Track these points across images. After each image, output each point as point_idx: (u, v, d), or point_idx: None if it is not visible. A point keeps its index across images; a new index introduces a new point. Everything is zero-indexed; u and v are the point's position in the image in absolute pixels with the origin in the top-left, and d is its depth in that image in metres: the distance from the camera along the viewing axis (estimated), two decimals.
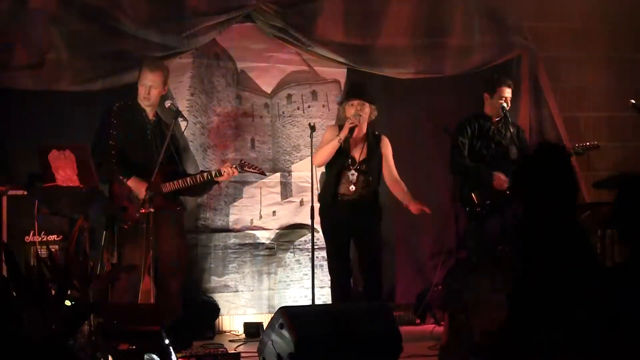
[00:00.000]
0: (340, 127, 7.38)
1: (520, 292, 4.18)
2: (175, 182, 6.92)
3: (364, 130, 7.37)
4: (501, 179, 7.54)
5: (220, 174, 6.99)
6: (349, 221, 7.34)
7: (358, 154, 7.38)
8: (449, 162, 7.79)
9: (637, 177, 3.92)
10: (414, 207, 7.32)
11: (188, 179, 6.95)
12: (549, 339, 4.05)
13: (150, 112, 7.08)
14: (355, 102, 7.34)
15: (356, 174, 7.34)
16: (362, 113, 7.30)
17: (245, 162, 7.20)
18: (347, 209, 7.33)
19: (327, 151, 7.30)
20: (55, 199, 6.34)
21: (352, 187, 7.31)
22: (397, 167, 7.52)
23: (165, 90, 7.22)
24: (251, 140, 8.40)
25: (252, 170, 7.24)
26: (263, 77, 8.45)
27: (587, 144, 7.73)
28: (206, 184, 7.13)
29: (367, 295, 7.39)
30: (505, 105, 7.64)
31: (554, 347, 4.03)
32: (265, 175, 7.69)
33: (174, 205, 7.06)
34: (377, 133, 7.51)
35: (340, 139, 7.22)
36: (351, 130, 7.21)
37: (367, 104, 7.36)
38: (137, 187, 6.85)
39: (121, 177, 6.86)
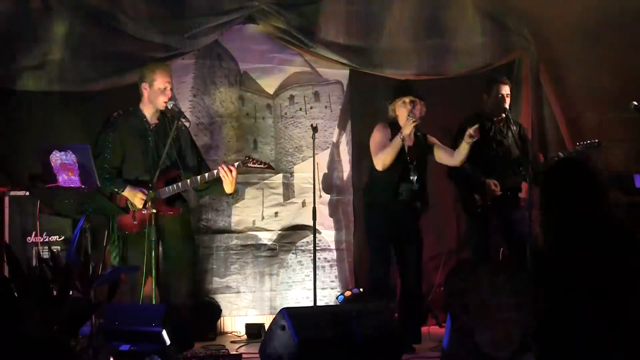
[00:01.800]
0: (392, 125, 7.41)
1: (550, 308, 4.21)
2: (173, 185, 6.90)
3: (420, 127, 7.42)
4: (492, 187, 7.52)
5: (225, 170, 6.90)
6: (401, 223, 7.38)
7: (413, 153, 7.40)
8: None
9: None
10: (472, 131, 7.20)
11: (188, 181, 6.92)
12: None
13: (152, 117, 7.04)
14: (407, 100, 7.35)
15: (414, 171, 7.36)
16: (416, 110, 7.32)
17: (249, 158, 7.12)
18: (404, 209, 7.37)
19: (393, 151, 7.25)
20: (57, 199, 6.35)
21: (414, 186, 7.35)
22: None
23: None
24: (253, 142, 8.40)
25: (257, 166, 7.11)
26: (265, 78, 8.46)
27: (588, 142, 7.70)
28: (211, 185, 7.06)
29: (407, 295, 7.45)
30: (506, 105, 7.61)
31: None
32: (273, 168, 7.59)
33: (175, 209, 7.03)
34: (419, 133, 7.53)
35: (403, 137, 7.22)
36: (416, 127, 7.27)
37: (418, 100, 7.37)
38: (132, 195, 6.83)
39: (115, 190, 6.84)
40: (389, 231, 7.40)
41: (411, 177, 7.35)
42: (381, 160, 7.31)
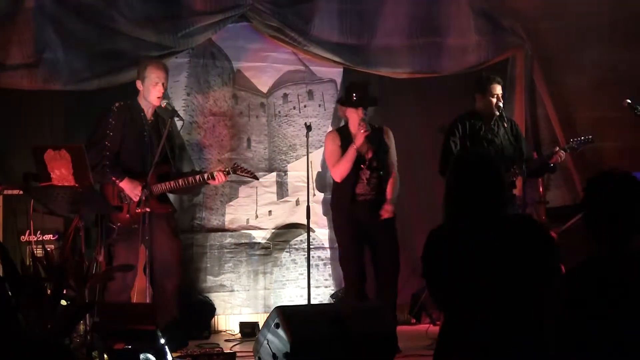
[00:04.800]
0: (341, 131, 7.44)
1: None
2: (165, 183, 6.93)
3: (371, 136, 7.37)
4: None
5: (212, 177, 6.99)
6: (367, 221, 7.35)
7: (365, 151, 7.38)
8: (439, 162, 7.78)
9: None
10: (385, 210, 7.34)
11: (180, 180, 6.95)
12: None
13: (149, 112, 7.08)
14: (360, 109, 7.34)
15: (368, 172, 7.35)
16: (366, 117, 7.31)
17: (238, 166, 7.22)
18: (365, 209, 7.34)
19: (348, 163, 7.26)
20: (50, 198, 6.34)
21: (368, 187, 7.33)
22: None
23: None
24: (247, 140, 8.40)
25: (245, 175, 7.27)
26: (259, 77, 8.46)
27: (582, 138, 7.71)
28: (199, 185, 7.14)
29: (381, 296, 7.35)
30: (500, 103, 7.62)
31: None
32: (258, 179, 7.72)
33: (164, 207, 7.06)
34: (377, 126, 7.49)
35: (357, 148, 7.22)
36: (367, 137, 7.23)
37: (367, 108, 7.39)
38: (130, 188, 6.85)
39: (114, 179, 6.86)
40: (356, 234, 7.39)
41: (364, 178, 7.35)
42: (338, 172, 7.34)
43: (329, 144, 7.53)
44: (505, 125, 7.57)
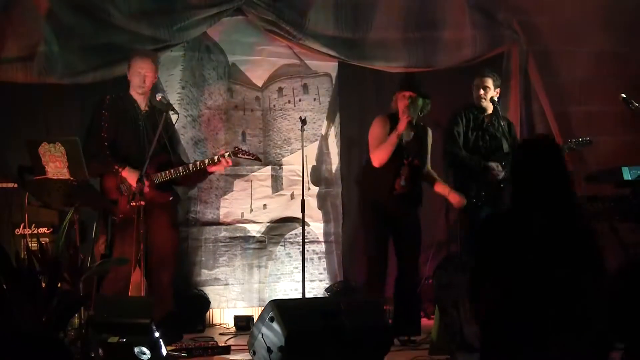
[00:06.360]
0: (391, 117, 7.35)
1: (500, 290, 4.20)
2: (167, 171, 6.91)
3: (413, 122, 7.31)
4: (495, 170, 7.53)
5: (214, 162, 6.97)
6: (396, 214, 7.31)
7: (409, 146, 7.35)
8: (444, 153, 7.76)
9: None
10: (454, 198, 7.34)
11: (180, 167, 6.93)
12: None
13: (142, 103, 7.08)
14: (407, 94, 7.25)
15: (408, 167, 7.31)
16: (413, 105, 7.23)
17: (239, 149, 7.18)
18: (398, 202, 7.30)
19: (389, 149, 7.17)
20: (45, 191, 6.34)
21: (405, 181, 7.28)
22: None
23: (156, 78, 7.22)
24: (242, 134, 8.39)
25: (247, 157, 7.21)
26: (254, 70, 8.45)
27: (580, 139, 7.74)
28: (199, 174, 7.11)
29: (406, 287, 7.40)
30: (495, 97, 7.63)
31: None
32: (260, 160, 7.69)
33: (166, 196, 7.04)
34: (422, 124, 7.45)
35: (398, 134, 7.15)
36: (410, 123, 7.16)
37: (417, 97, 7.28)
38: (131, 177, 6.84)
39: (116, 167, 6.85)
40: (385, 226, 7.36)
41: (405, 172, 7.29)
42: (377, 157, 7.23)
43: (376, 127, 7.37)
44: (503, 123, 7.61)
